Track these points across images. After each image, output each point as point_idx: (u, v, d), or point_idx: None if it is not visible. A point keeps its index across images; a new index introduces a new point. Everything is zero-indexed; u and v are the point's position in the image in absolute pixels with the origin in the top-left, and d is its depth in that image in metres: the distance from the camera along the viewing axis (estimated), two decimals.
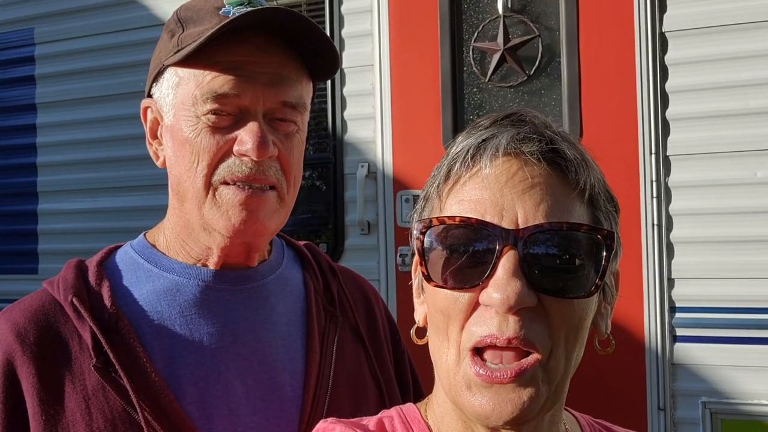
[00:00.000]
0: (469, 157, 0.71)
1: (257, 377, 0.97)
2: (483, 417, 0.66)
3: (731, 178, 2.52)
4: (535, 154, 0.69)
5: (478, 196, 0.69)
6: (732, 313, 2.52)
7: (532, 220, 0.67)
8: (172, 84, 0.97)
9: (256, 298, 1.01)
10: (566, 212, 0.68)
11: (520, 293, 0.64)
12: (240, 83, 0.93)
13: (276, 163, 0.96)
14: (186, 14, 0.99)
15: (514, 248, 0.66)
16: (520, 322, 0.65)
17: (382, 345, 1.12)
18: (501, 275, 0.65)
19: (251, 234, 0.96)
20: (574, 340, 0.69)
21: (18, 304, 0.95)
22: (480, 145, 0.71)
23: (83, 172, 3.54)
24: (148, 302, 0.97)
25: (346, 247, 3.07)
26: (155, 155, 1.03)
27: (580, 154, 0.72)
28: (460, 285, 0.68)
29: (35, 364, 0.89)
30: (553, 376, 0.68)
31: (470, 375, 0.67)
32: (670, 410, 2.58)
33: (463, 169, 0.71)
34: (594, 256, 0.68)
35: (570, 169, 0.70)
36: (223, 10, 0.95)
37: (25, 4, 3.70)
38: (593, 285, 0.68)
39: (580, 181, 0.70)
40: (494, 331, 0.66)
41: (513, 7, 2.83)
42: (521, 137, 0.70)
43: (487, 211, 0.68)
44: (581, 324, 0.69)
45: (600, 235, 0.68)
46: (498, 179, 0.69)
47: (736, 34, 2.52)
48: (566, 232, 0.67)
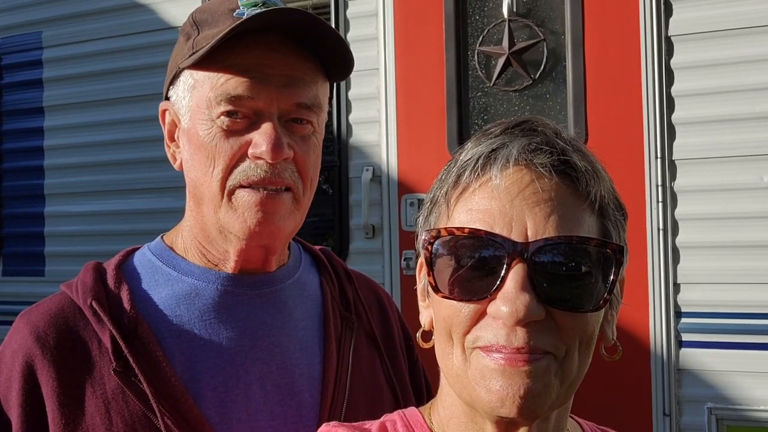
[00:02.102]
0: (479, 165, 0.70)
1: (276, 382, 0.97)
2: (498, 403, 0.66)
3: (737, 182, 2.51)
4: (546, 166, 0.69)
5: (487, 206, 0.69)
6: (738, 319, 2.51)
7: (542, 233, 0.67)
8: (188, 87, 0.97)
9: (275, 303, 1.01)
10: (576, 224, 0.68)
11: (529, 306, 0.65)
12: (254, 85, 0.92)
13: (292, 165, 0.95)
14: (201, 17, 0.98)
15: (523, 261, 0.66)
16: (528, 334, 0.66)
17: (397, 350, 1.12)
18: (510, 288, 0.65)
19: (267, 236, 0.96)
20: (586, 348, 0.70)
21: (37, 307, 0.95)
22: (490, 155, 0.70)
23: (90, 175, 3.56)
24: (167, 306, 0.96)
25: (351, 250, 3.08)
26: (173, 158, 1.03)
27: (591, 164, 0.72)
28: (468, 296, 0.68)
29: (55, 368, 0.89)
30: (566, 375, 0.68)
31: (483, 363, 0.67)
32: (676, 416, 2.57)
33: (472, 178, 0.70)
34: (603, 270, 0.68)
35: (581, 180, 0.70)
36: (237, 11, 0.95)
37: (34, 8, 3.72)
38: (602, 298, 0.68)
39: (591, 192, 0.70)
40: (502, 341, 0.66)
41: (518, 11, 2.83)
42: (533, 148, 0.70)
43: (496, 222, 0.68)
44: (591, 335, 0.70)
45: (609, 249, 0.68)
46: (508, 190, 0.68)
47: (742, 38, 2.51)
48: (576, 246, 0.67)
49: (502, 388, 0.66)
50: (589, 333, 0.69)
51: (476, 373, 0.67)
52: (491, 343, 0.66)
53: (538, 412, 0.67)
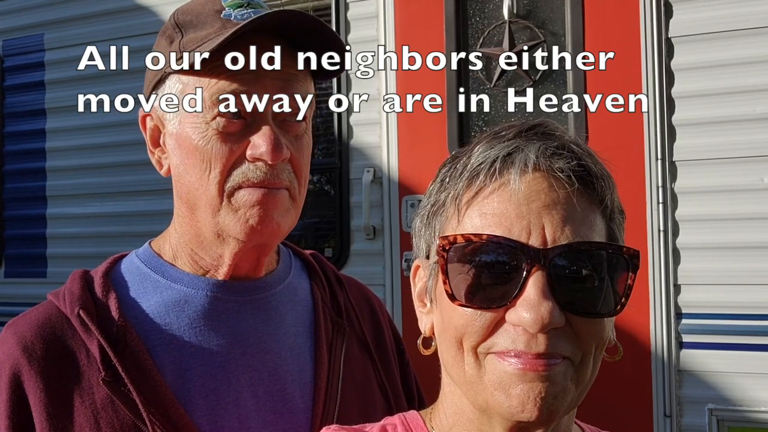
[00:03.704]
0: (496, 169, 0.69)
1: (267, 389, 0.96)
2: (520, 408, 0.65)
3: (738, 184, 2.51)
4: (565, 171, 0.68)
5: (504, 210, 0.68)
6: (739, 320, 2.50)
7: (560, 239, 0.66)
8: (177, 91, 0.95)
9: (266, 309, 1.00)
10: (590, 229, 0.68)
11: (552, 313, 0.64)
12: (247, 81, 0.91)
13: (288, 165, 0.95)
14: (184, 18, 0.96)
15: (543, 267, 0.65)
16: (548, 341, 0.65)
17: (388, 355, 1.11)
18: (532, 295, 0.65)
19: (268, 234, 0.94)
20: (600, 352, 0.70)
21: (24, 317, 0.94)
22: (506, 158, 0.69)
23: (92, 177, 3.56)
24: (156, 314, 0.95)
25: (352, 252, 3.08)
26: (158, 164, 1.01)
27: (604, 169, 0.72)
28: (486, 304, 0.67)
29: (43, 379, 0.88)
30: (581, 379, 0.68)
31: (500, 368, 0.66)
32: (677, 417, 2.57)
33: (487, 181, 0.69)
34: (619, 275, 0.68)
35: (596, 186, 0.69)
36: (224, 13, 0.93)
37: (35, 11, 3.73)
38: (619, 303, 0.68)
39: (605, 198, 0.70)
40: (521, 347, 0.66)
41: (518, 12, 2.83)
42: (550, 153, 0.69)
43: (513, 226, 0.67)
44: (606, 339, 0.70)
45: (626, 253, 0.68)
46: (527, 195, 0.67)
47: (742, 39, 2.51)
48: (594, 252, 0.67)
49: (523, 392, 0.65)
50: (604, 338, 0.69)
51: (494, 378, 0.67)
52: (508, 349, 0.66)
53: (555, 416, 0.67)
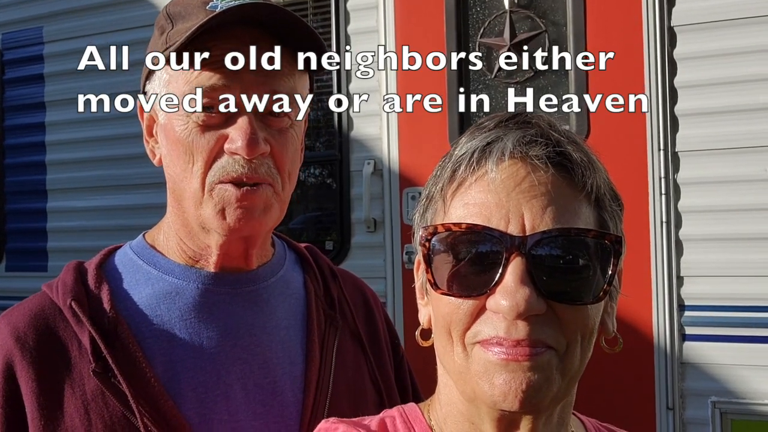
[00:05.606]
0: (474, 160, 0.70)
1: (257, 382, 0.96)
2: (501, 397, 0.66)
3: (740, 174, 2.49)
4: (542, 158, 0.68)
5: (484, 199, 0.68)
6: (741, 311, 2.49)
7: (539, 226, 0.66)
8: (164, 82, 0.96)
9: (257, 302, 1.00)
10: (573, 216, 0.68)
11: (529, 300, 0.64)
12: (227, 75, 0.91)
13: (269, 159, 0.94)
14: (174, 10, 0.97)
15: (522, 255, 0.66)
16: (528, 327, 0.65)
17: (382, 349, 1.11)
18: (509, 282, 0.65)
19: (248, 230, 0.95)
20: (587, 342, 0.70)
21: (17, 308, 0.95)
22: (485, 148, 0.70)
23: (92, 170, 3.56)
24: (147, 306, 0.96)
25: (353, 244, 3.07)
26: (152, 153, 1.02)
27: (586, 155, 0.71)
28: (467, 293, 0.68)
29: (35, 369, 0.89)
30: (567, 369, 0.68)
31: (485, 358, 0.67)
32: (679, 410, 2.56)
33: (468, 172, 0.70)
34: (602, 261, 0.68)
35: (576, 171, 0.69)
36: (210, 4, 0.93)
37: (34, 3, 3.72)
38: (602, 290, 0.68)
39: (587, 183, 0.69)
40: (501, 333, 0.66)
41: (519, 2, 2.81)
42: (527, 140, 0.70)
43: (493, 215, 0.67)
44: (592, 328, 0.70)
45: (608, 240, 0.68)
46: (504, 183, 0.68)
47: (745, 28, 2.49)
48: (574, 238, 0.67)
49: (505, 383, 0.66)
50: (590, 326, 0.69)
51: (479, 368, 0.67)
52: (490, 336, 0.66)
53: (540, 406, 0.67)
